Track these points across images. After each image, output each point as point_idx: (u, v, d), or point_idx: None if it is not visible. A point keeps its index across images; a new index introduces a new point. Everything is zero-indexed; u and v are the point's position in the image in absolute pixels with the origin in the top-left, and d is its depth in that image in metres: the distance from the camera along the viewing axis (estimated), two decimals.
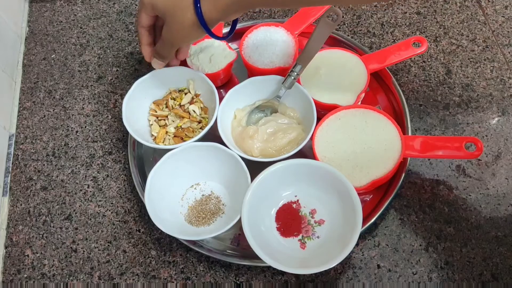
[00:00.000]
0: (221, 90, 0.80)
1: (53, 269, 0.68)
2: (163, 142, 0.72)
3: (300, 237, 0.65)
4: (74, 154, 0.77)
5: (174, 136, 0.72)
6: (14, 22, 0.88)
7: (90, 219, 0.71)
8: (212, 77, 0.74)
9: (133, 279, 0.66)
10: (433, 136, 0.73)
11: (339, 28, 0.85)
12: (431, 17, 0.86)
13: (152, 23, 0.65)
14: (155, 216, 0.63)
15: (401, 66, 0.80)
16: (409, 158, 0.69)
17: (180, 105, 0.75)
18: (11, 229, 0.71)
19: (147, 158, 0.75)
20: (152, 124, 0.74)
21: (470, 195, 0.68)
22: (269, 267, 0.63)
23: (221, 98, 0.72)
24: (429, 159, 0.71)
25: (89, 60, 0.86)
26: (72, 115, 0.81)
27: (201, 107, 0.75)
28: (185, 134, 0.72)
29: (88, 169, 0.75)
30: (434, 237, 0.65)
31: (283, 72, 0.74)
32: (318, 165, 0.65)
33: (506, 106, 0.75)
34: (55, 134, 0.79)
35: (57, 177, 0.75)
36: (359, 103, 0.73)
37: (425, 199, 0.68)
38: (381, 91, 0.78)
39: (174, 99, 0.75)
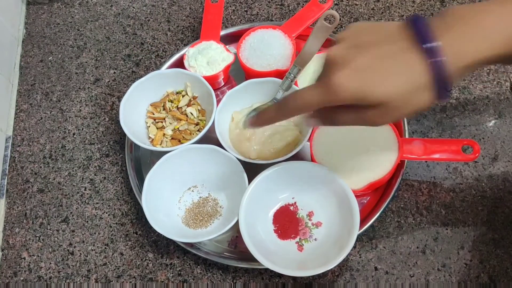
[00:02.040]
0: (219, 93, 0.80)
1: (49, 272, 0.68)
2: (161, 144, 0.72)
3: (297, 239, 0.65)
4: (71, 156, 0.77)
5: (172, 139, 0.72)
6: (11, 24, 0.88)
7: (87, 221, 0.71)
8: (210, 79, 0.74)
9: (130, 282, 0.66)
10: (430, 138, 0.73)
11: (337, 31, 0.86)
12: None
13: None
14: (152, 218, 0.63)
15: None
16: (406, 161, 0.69)
17: (177, 108, 0.75)
18: (7, 232, 0.71)
19: (145, 160, 0.75)
20: (149, 126, 0.74)
21: (467, 198, 0.68)
22: (267, 270, 0.63)
23: (218, 101, 0.72)
24: (426, 162, 0.71)
25: (86, 62, 0.86)
26: (69, 117, 0.80)
27: (198, 110, 0.75)
28: (183, 137, 0.72)
29: (85, 172, 0.75)
30: (431, 240, 0.65)
31: (280, 74, 0.74)
32: (316, 167, 0.65)
33: (502, 109, 0.76)
34: (52, 136, 0.79)
35: (54, 179, 0.75)
36: None
37: (422, 202, 0.68)
38: None
39: (172, 102, 0.75)
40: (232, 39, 0.83)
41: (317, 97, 0.45)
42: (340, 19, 0.79)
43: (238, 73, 0.80)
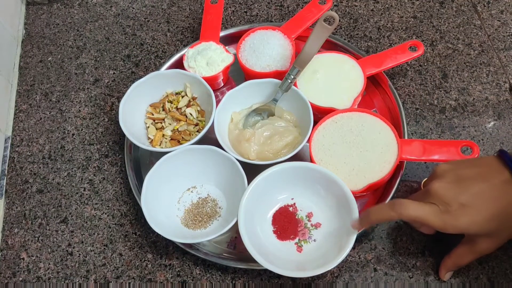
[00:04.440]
0: (218, 93, 0.80)
1: (48, 272, 0.68)
2: (160, 145, 0.72)
3: (296, 240, 0.65)
4: (71, 156, 0.77)
5: (171, 139, 0.72)
6: (10, 24, 0.88)
7: (86, 222, 0.71)
8: (209, 80, 0.74)
9: (129, 282, 0.66)
10: (430, 139, 0.73)
11: (336, 32, 0.86)
12: (427, 21, 0.86)
13: None
14: (151, 219, 0.63)
15: (397, 70, 0.81)
16: (405, 162, 0.69)
17: (177, 108, 0.75)
18: (6, 232, 0.71)
19: (144, 161, 0.75)
20: (148, 127, 0.74)
21: None
22: (266, 270, 0.63)
23: (218, 101, 0.72)
24: (425, 163, 0.71)
25: (85, 62, 0.86)
26: (69, 117, 0.80)
27: (198, 110, 0.75)
28: (182, 137, 0.72)
29: (84, 172, 0.75)
30: (430, 240, 0.65)
31: (280, 75, 0.74)
32: (315, 168, 0.65)
33: (502, 110, 0.76)
34: (51, 137, 0.79)
35: (53, 179, 0.75)
36: (356, 106, 0.73)
37: None
38: (377, 94, 0.78)
39: (171, 102, 0.75)
40: (232, 40, 0.83)
41: (431, 220, 0.54)
42: (339, 20, 0.79)
43: (237, 74, 0.80)
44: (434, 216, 0.54)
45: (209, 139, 0.70)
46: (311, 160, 0.67)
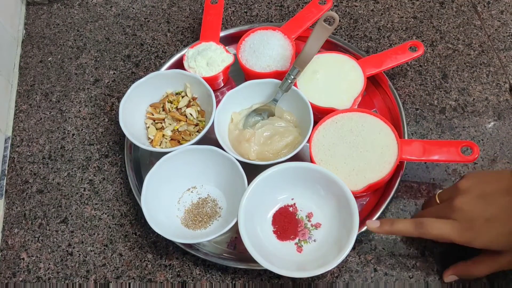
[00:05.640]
0: (218, 93, 0.80)
1: (48, 273, 0.68)
2: (160, 145, 0.72)
3: (296, 240, 0.65)
4: (71, 157, 0.77)
5: (171, 139, 0.72)
6: (10, 25, 0.88)
7: (86, 222, 0.71)
8: (209, 80, 0.74)
9: (129, 283, 0.66)
10: (430, 140, 0.73)
11: (336, 32, 0.86)
12: (427, 22, 0.86)
13: None
14: (151, 219, 0.63)
15: (397, 70, 0.81)
16: (405, 162, 0.69)
17: (177, 108, 0.75)
18: (6, 232, 0.71)
19: (144, 161, 0.75)
20: (148, 127, 0.74)
21: None
22: (266, 271, 0.63)
23: (218, 102, 0.72)
24: (425, 163, 0.71)
25: (85, 63, 0.86)
26: (69, 118, 0.80)
27: (198, 110, 0.75)
28: (182, 137, 0.72)
29: (84, 172, 0.75)
30: (430, 241, 0.65)
31: (280, 75, 0.74)
32: (315, 168, 0.65)
33: (502, 111, 0.76)
34: (52, 137, 0.79)
35: (53, 180, 0.75)
36: (356, 107, 0.73)
37: (422, 203, 0.68)
38: (377, 95, 0.78)
39: (171, 102, 0.75)
40: (232, 40, 0.83)
41: (454, 238, 0.55)
42: (339, 20, 0.79)
43: (237, 74, 0.80)
44: (457, 234, 0.54)
45: (209, 139, 0.70)
46: (311, 160, 0.67)
